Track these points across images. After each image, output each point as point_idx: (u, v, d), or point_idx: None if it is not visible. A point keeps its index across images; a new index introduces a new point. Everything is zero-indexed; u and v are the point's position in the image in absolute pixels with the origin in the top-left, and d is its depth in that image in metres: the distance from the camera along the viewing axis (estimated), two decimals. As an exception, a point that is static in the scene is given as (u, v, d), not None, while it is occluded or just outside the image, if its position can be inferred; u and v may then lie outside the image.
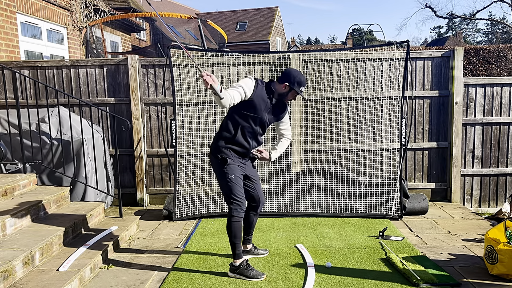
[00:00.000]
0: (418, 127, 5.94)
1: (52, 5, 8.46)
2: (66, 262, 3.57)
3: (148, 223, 5.20)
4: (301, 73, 3.56)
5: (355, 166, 5.71)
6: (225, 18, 38.14)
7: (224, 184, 3.49)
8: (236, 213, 3.47)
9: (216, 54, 6.11)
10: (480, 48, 12.73)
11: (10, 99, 5.76)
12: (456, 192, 5.92)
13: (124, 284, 3.49)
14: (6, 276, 3.12)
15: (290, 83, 3.46)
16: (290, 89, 3.48)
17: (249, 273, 3.53)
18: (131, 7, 15.66)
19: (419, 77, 5.87)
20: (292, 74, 3.48)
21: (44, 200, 4.30)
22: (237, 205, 3.47)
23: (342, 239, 4.49)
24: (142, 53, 11.74)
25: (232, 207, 3.47)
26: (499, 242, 3.43)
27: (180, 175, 5.49)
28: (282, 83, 3.49)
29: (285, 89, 3.49)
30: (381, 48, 5.68)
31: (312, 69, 5.72)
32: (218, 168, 3.52)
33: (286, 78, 3.48)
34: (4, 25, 6.88)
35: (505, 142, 5.94)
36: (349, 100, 5.73)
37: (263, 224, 5.00)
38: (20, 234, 3.76)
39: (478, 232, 4.68)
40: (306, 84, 3.58)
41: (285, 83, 3.47)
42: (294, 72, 3.51)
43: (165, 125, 5.98)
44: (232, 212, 3.47)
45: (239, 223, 3.50)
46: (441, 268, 3.69)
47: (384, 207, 5.30)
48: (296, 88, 3.47)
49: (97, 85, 5.95)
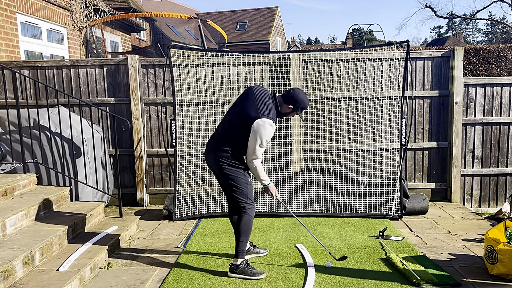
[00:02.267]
0: (418, 127, 5.94)
1: (52, 5, 8.46)
2: (66, 262, 3.58)
3: (148, 223, 5.20)
4: (307, 96, 3.62)
5: (355, 166, 5.71)
6: (225, 18, 38.14)
7: (242, 187, 3.56)
8: (250, 212, 3.60)
9: (216, 54, 6.11)
10: (480, 48, 12.74)
11: (10, 99, 5.76)
12: (456, 192, 5.92)
13: (124, 284, 3.49)
14: (6, 276, 3.12)
15: (295, 108, 3.56)
16: (293, 111, 3.58)
17: (249, 271, 3.54)
18: (131, 7, 15.65)
19: (419, 77, 5.87)
20: (300, 99, 3.54)
21: (44, 200, 4.30)
22: (252, 205, 3.62)
23: (342, 239, 4.49)
24: (142, 53, 11.75)
25: (247, 206, 3.59)
26: (499, 242, 3.43)
27: (180, 175, 5.49)
28: (287, 104, 3.56)
29: (289, 110, 3.58)
30: (381, 48, 5.68)
31: (312, 69, 5.72)
32: (236, 173, 3.55)
33: (292, 101, 3.55)
34: (4, 25, 6.88)
35: (505, 142, 5.94)
36: (349, 100, 5.73)
37: (263, 224, 5.00)
38: (20, 234, 3.76)
39: (478, 232, 4.68)
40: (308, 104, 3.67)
41: (290, 106, 3.55)
42: (302, 97, 3.55)
43: (165, 125, 5.98)
44: (247, 211, 3.58)
45: (251, 221, 3.62)
46: (441, 268, 3.69)
47: (384, 207, 5.30)
48: (299, 112, 3.60)
49: (97, 85, 5.95)
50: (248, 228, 3.60)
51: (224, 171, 3.55)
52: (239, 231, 3.58)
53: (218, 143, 3.58)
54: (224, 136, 3.57)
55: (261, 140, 3.37)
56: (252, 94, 3.51)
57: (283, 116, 3.64)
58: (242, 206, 3.59)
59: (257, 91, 3.52)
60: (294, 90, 3.60)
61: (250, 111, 3.43)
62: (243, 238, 3.58)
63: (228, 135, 3.55)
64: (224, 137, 3.57)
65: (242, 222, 3.58)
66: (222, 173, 3.57)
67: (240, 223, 3.58)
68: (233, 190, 3.58)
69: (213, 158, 3.59)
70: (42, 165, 5.06)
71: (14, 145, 5.10)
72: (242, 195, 3.57)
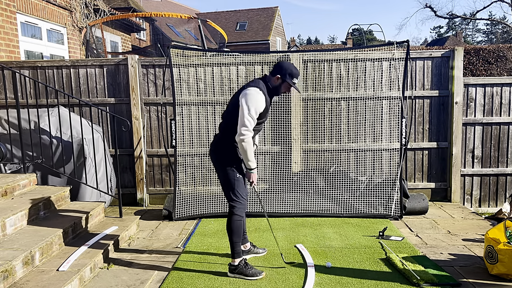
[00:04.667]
0: (418, 127, 5.94)
1: (52, 5, 8.46)
2: (66, 262, 3.57)
3: (148, 223, 5.20)
4: (293, 65, 3.52)
5: (355, 166, 5.71)
6: (225, 18, 38.14)
7: (231, 182, 3.49)
8: (238, 212, 3.51)
9: (216, 54, 6.11)
10: (480, 48, 12.74)
11: (10, 99, 5.76)
12: (456, 192, 5.92)
13: (124, 284, 3.49)
14: (6, 276, 3.12)
15: (282, 75, 3.45)
16: (283, 81, 3.47)
17: (248, 271, 3.54)
18: (131, 7, 15.64)
19: (419, 77, 5.87)
20: (283, 66, 3.45)
21: (44, 200, 4.30)
22: (241, 204, 3.52)
23: (342, 239, 4.49)
24: (142, 53, 11.76)
25: (235, 205, 3.50)
26: (499, 242, 3.43)
27: (180, 175, 5.49)
28: (274, 76, 3.48)
29: (278, 81, 3.48)
30: (381, 48, 5.68)
31: (312, 69, 5.72)
32: (225, 167, 3.49)
33: (277, 70, 3.46)
34: (4, 25, 6.88)
35: (505, 142, 5.94)
36: (349, 100, 5.73)
37: (263, 224, 5.00)
38: (20, 234, 3.76)
39: (478, 232, 4.68)
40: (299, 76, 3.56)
41: (277, 75, 3.46)
42: (285, 64, 3.47)
43: (165, 125, 5.98)
44: (235, 210, 3.50)
45: (240, 222, 3.53)
46: (441, 268, 3.69)
47: (384, 207, 5.30)
48: (288, 80, 3.45)
49: (97, 85, 5.95)
50: (238, 227, 3.52)
51: (216, 164, 3.55)
52: (230, 232, 3.54)
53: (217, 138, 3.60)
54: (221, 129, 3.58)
55: (249, 108, 3.26)
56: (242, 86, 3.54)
57: (277, 91, 3.51)
58: (231, 204, 3.52)
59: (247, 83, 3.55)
60: (279, 61, 3.55)
61: (238, 93, 3.45)
62: (235, 239, 3.54)
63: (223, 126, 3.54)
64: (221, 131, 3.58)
65: (231, 222, 3.53)
66: (215, 165, 3.57)
67: (229, 223, 3.53)
68: (223, 184, 3.55)
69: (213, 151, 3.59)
70: (42, 165, 5.06)
71: (15, 146, 5.11)
72: (229, 188, 3.49)
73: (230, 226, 3.52)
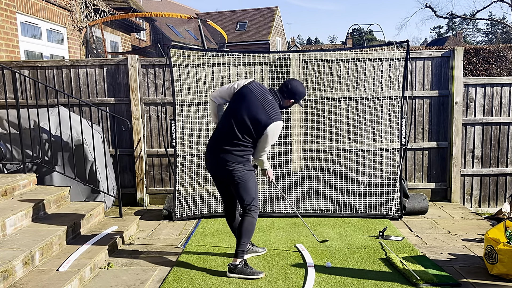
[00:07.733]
0: (418, 127, 5.94)
1: (52, 5, 8.46)
2: (66, 262, 3.57)
3: (148, 223, 5.20)
4: (302, 85, 3.66)
5: (355, 166, 5.71)
6: (225, 18, 38.13)
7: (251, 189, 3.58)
8: (254, 214, 3.62)
9: (216, 54, 6.11)
10: (480, 48, 12.73)
11: (10, 99, 5.76)
12: (456, 192, 5.92)
13: (124, 284, 3.49)
14: (6, 276, 3.12)
15: (295, 101, 3.65)
16: (293, 104, 3.68)
17: (248, 270, 3.55)
18: (131, 7, 15.64)
19: (419, 77, 5.87)
20: (299, 92, 3.60)
21: (44, 200, 4.30)
22: (256, 208, 3.65)
23: (342, 239, 4.49)
24: (142, 53, 11.75)
25: (252, 208, 3.60)
26: (499, 242, 3.43)
27: (180, 175, 5.49)
28: (288, 99, 3.60)
29: (290, 103, 3.66)
30: (381, 48, 5.68)
31: (312, 69, 5.72)
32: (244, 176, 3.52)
33: (293, 96, 3.60)
34: (4, 25, 6.88)
35: (505, 142, 5.94)
36: (349, 100, 5.73)
37: (263, 224, 5.00)
38: (20, 234, 3.76)
39: (478, 232, 4.68)
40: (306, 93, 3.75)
41: (292, 100, 3.62)
42: (301, 89, 3.61)
43: (165, 125, 5.98)
44: (252, 212, 3.60)
45: (255, 223, 3.64)
46: (441, 268, 3.69)
47: (384, 207, 5.30)
48: (299, 102, 3.70)
49: (97, 85, 5.95)
50: (251, 230, 3.60)
51: (233, 174, 3.48)
52: (241, 233, 3.57)
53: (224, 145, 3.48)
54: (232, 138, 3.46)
55: (271, 141, 3.51)
56: (251, 95, 3.42)
57: (284, 108, 3.72)
58: (248, 207, 3.59)
59: (256, 90, 3.45)
60: (291, 83, 3.58)
61: (259, 115, 3.38)
62: (244, 240, 3.57)
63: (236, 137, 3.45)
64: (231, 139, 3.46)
65: (245, 223, 3.57)
66: (231, 175, 3.49)
67: (243, 224, 3.57)
68: (239, 191, 3.55)
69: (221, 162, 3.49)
70: (43, 165, 5.06)
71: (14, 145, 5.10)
72: (248, 195, 3.57)
73: (246, 228, 3.57)
